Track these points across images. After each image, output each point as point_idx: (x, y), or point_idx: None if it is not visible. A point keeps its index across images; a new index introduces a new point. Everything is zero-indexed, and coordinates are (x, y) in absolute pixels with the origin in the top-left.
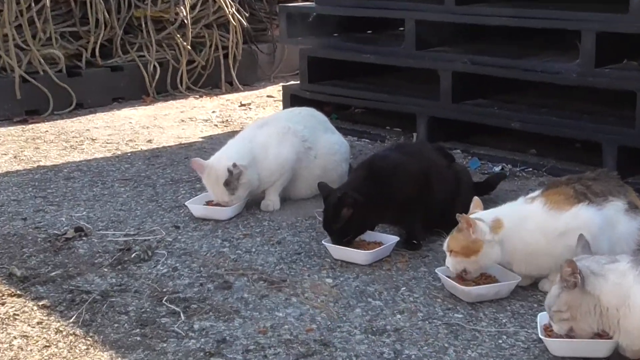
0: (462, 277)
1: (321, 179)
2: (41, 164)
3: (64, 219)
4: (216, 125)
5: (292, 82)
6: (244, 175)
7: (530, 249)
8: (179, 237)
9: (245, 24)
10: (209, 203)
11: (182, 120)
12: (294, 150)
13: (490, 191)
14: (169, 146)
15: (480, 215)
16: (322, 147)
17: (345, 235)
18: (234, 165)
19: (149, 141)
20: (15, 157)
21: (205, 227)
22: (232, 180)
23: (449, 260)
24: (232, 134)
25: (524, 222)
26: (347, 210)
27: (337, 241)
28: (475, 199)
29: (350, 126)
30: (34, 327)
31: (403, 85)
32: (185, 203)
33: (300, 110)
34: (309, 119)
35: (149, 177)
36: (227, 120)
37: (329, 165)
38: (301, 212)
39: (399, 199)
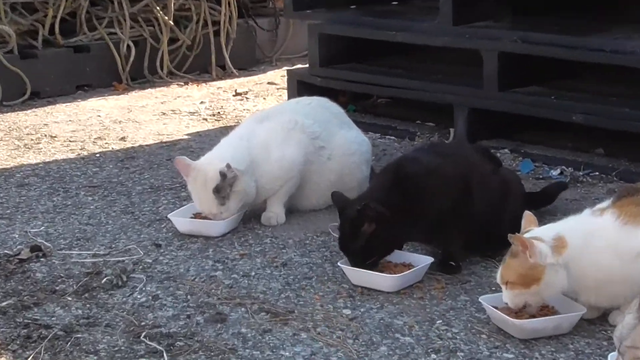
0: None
1: (336, 186)
2: None
3: (16, 236)
4: (205, 120)
5: (298, 66)
6: (239, 181)
7: (601, 274)
8: (161, 257)
9: None
10: (196, 216)
11: (163, 113)
12: (301, 150)
13: (547, 204)
14: (146, 145)
15: (537, 233)
16: (336, 146)
17: (367, 256)
18: (228, 166)
19: (122, 139)
20: None
21: (193, 246)
22: (224, 186)
23: (506, 295)
24: (226, 130)
25: (592, 240)
26: (369, 225)
27: (357, 263)
28: (527, 213)
29: (372, 120)
30: None
31: (437, 70)
32: (168, 216)
33: (310, 101)
34: (321, 112)
35: (123, 184)
36: (218, 113)
37: (346, 168)
38: (311, 227)
39: (433, 212)
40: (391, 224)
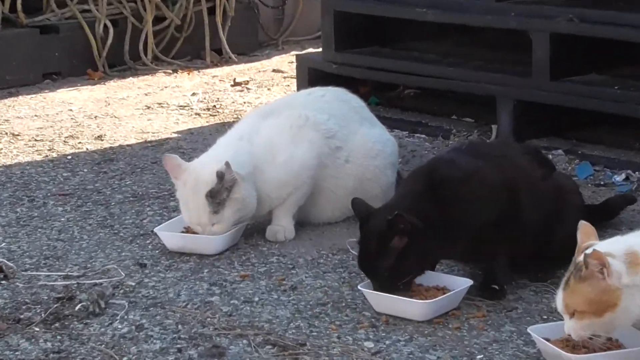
0: (570, 341)
1: (356, 193)
2: None
3: None
4: (198, 115)
5: (310, 50)
6: (238, 187)
7: None
8: (146, 280)
9: None
10: (188, 230)
11: (148, 107)
12: (314, 151)
13: (609, 218)
14: (128, 145)
15: (603, 248)
16: (356, 147)
17: (397, 277)
18: (227, 165)
19: (99, 138)
20: None
21: (185, 266)
22: (220, 190)
23: (571, 326)
24: (222, 127)
25: None
26: (400, 239)
27: (385, 286)
28: (584, 224)
29: (399, 115)
30: None
31: (477, 55)
32: (155, 230)
33: (324, 93)
34: (337, 106)
35: (100, 192)
36: (214, 106)
37: (367, 173)
38: (326, 244)
39: (472, 225)
40: (425, 238)
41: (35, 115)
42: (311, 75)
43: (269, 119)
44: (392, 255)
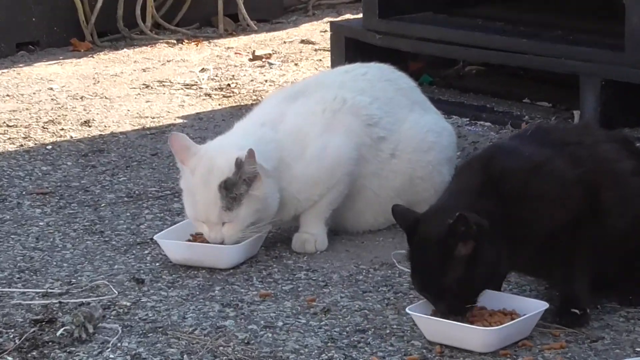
0: None
1: (403, 195)
2: None
3: None
4: (209, 96)
5: (348, 17)
6: (260, 183)
7: None
8: (144, 299)
9: None
10: (196, 237)
11: (146, 86)
12: (352, 142)
13: None
14: (121, 133)
15: None
16: (405, 138)
17: (466, 293)
18: (251, 154)
19: (86, 123)
20: None
21: (192, 282)
22: (237, 182)
23: None
24: (239, 112)
25: None
26: (465, 245)
27: (454, 306)
28: None
29: (457, 97)
30: None
31: (556, 23)
32: (155, 237)
33: (366, 70)
34: (381, 86)
35: (87, 190)
36: (228, 85)
37: (419, 170)
38: (366, 256)
39: (540, 228)
40: (492, 242)
41: (7, 95)
42: (349, 48)
43: (296, 102)
44: (459, 266)
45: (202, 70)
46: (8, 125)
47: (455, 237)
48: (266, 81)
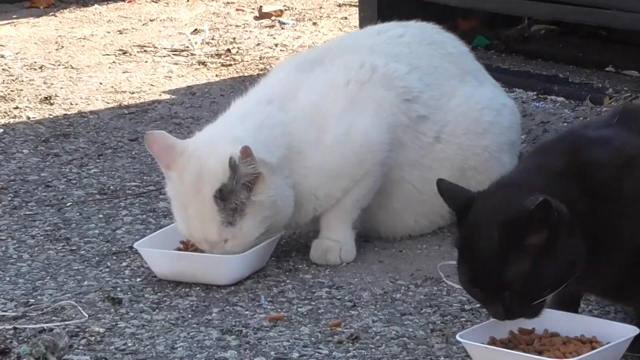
0: None
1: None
2: None
3: None
4: (203, 64)
5: None
6: (263, 183)
7: None
8: (121, 324)
9: None
10: (186, 245)
11: (123, 52)
12: (384, 122)
13: None
14: (92, 113)
15: None
16: (453, 117)
17: (531, 292)
18: (246, 152)
19: (46, 100)
20: None
21: (183, 302)
22: (234, 188)
23: None
24: (241, 84)
25: None
26: (538, 235)
27: (513, 307)
28: None
29: (521, 65)
30: None
31: None
32: (135, 246)
33: (403, 31)
34: (423, 51)
35: (48, 185)
36: (227, 51)
37: (472, 158)
38: (405, 269)
39: (633, 233)
40: (571, 236)
41: None
42: (382, 3)
43: (313, 73)
44: (526, 258)
45: (195, 31)
46: None
47: (531, 223)
48: (276, 45)
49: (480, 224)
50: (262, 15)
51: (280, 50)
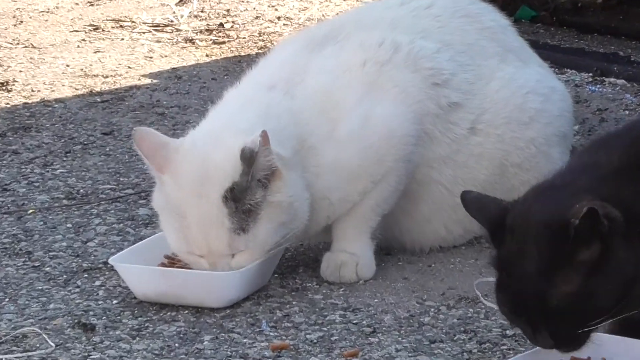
0: None
1: (491, 191)
2: None
3: None
4: (191, 42)
5: None
6: (281, 181)
7: None
8: (95, 354)
9: None
10: (172, 260)
11: (95, 27)
12: (409, 110)
13: None
14: (57, 100)
15: None
16: (492, 104)
17: (581, 316)
18: (264, 136)
19: (3, 86)
20: None
21: (169, 329)
22: (249, 186)
23: None
24: (237, 66)
25: None
26: (590, 249)
27: (559, 334)
28: None
29: (574, 41)
30: None
31: None
32: (110, 260)
33: (432, 0)
34: (456, 25)
35: (5, 188)
36: (221, 25)
37: (514, 152)
38: (435, 287)
39: None
40: (629, 247)
41: None
42: None
43: (323, 52)
44: (576, 276)
45: (181, 2)
46: None
47: (580, 236)
48: (278, 19)
49: (518, 240)
50: None
51: (284, 25)
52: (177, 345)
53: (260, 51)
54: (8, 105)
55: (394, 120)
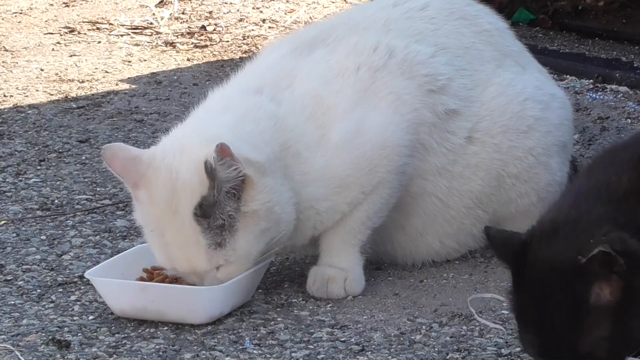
0: None
1: (487, 204)
2: None
3: None
4: (171, 45)
5: None
6: (252, 188)
7: None
8: None
9: None
10: (152, 273)
11: (71, 30)
12: (404, 119)
13: None
14: (31, 106)
15: None
16: (490, 111)
17: (615, 355)
18: (221, 149)
19: None
20: None
21: (147, 346)
22: (217, 200)
23: None
24: (220, 71)
25: None
26: (608, 288)
27: None
28: None
29: (575, 46)
30: None
31: None
32: (87, 274)
33: (426, 2)
34: (452, 28)
35: None
36: (203, 28)
37: (512, 163)
38: (426, 303)
39: None
40: None
41: None
42: None
43: (314, 55)
44: (603, 320)
45: (161, 3)
46: None
47: (587, 278)
48: (263, 21)
49: (538, 283)
50: None
51: (269, 28)
52: None
53: (244, 55)
54: None
55: (387, 130)
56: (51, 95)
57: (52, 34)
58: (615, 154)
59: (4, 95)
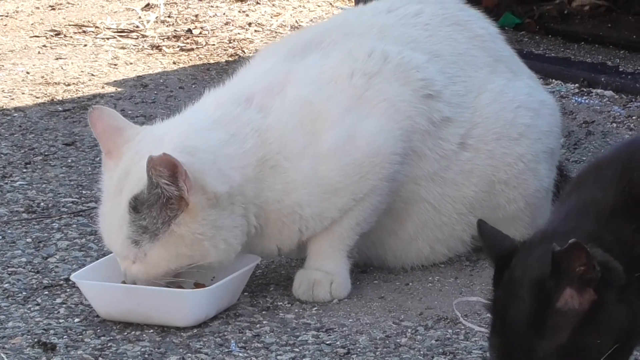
0: None
1: (479, 209)
2: None
3: None
4: (157, 49)
5: None
6: (194, 215)
7: None
8: None
9: None
10: None
11: (57, 33)
12: (397, 126)
13: None
14: (16, 109)
15: None
16: (483, 118)
17: None
18: (165, 161)
19: None
20: None
21: (133, 349)
22: (149, 201)
23: None
24: (206, 75)
25: None
26: (579, 296)
27: None
28: None
29: (560, 50)
30: None
31: None
32: (72, 277)
33: (420, 7)
34: (446, 33)
35: None
36: (189, 32)
37: (503, 168)
38: (412, 307)
39: None
40: (623, 298)
41: None
42: None
43: (307, 59)
44: (565, 327)
45: (147, 6)
46: None
47: (560, 280)
48: (249, 25)
49: (513, 285)
50: None
51: (255, 31)
52: None
53: (230, 59)
54: None
55: (380, 137)
56: (37, 98)
57: (38, 37)
58: (601, 167)
59: None
